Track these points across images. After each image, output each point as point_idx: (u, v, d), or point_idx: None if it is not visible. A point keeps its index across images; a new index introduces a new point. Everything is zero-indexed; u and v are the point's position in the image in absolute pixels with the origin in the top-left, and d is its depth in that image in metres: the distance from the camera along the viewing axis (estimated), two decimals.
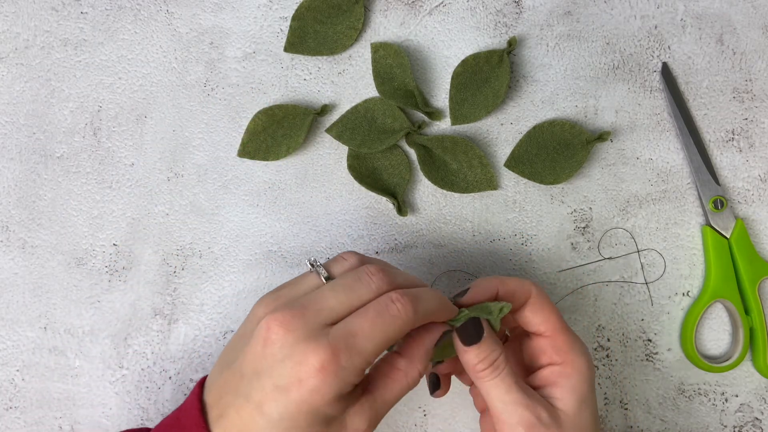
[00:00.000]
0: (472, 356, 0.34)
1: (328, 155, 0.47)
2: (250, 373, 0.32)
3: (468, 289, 0.36)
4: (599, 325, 0.45)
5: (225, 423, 0.32)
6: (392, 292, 0.32)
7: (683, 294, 0.46)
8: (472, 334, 0.34)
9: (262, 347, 0.31)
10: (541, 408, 0.33)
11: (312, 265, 0.35)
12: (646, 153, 0.47)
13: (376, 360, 0.34)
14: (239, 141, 0.47)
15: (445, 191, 0.47)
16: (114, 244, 0.47)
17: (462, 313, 0.35)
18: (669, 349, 0.45)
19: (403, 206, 0.46)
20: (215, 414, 0.33)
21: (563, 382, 0.34)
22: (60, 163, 0.48)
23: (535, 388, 0.35)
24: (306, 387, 0.30)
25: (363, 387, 0.34)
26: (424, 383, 0.45)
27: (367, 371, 0.33)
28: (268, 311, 0.32)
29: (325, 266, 0.35)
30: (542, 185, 0.46)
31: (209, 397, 0.34)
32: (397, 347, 0.35)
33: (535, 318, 0.36)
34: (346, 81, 0.48)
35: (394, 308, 0.31)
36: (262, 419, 0.31)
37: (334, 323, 0.32)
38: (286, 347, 0.31)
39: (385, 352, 0.35)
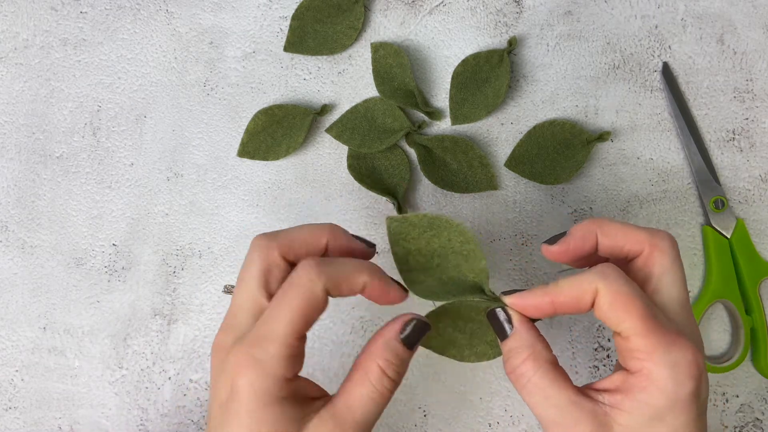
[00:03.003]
0: (509, 349, 0.31)
1: (328, 155, 0.47)
2: (208, 410, 0.31)
3: (564, 234, 0.32)
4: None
5: None
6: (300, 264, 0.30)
7: None
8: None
9: (211, 377, 0.31)
10: (582, 427, 0.28)
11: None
12: (647, 153, 0.46)
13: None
14: (239, 141, 0.47)
15: (445, 191, 0.46)
16: (113, 244, 0.47)
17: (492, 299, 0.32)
18: None
19: (403, 206, 0.46)
20: None
21: (634, 394, 0.28)
22: (59, 163, 0.47)
23: (605, 391, 0.29)
24: (235, 394, 0.28)
25: (328, 400, 0.30)
26: (423, 384, 0.45)
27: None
28: None
29: None
30: (542, 185, 0.46)
31: None
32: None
33: (608, 317, 0.28)
34: (346, 81, 0.48)
35: (295, 276, 0.29)
36: None
37: None
38: (219, 366, 0.30)
39: None
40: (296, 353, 0.29)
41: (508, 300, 0.31)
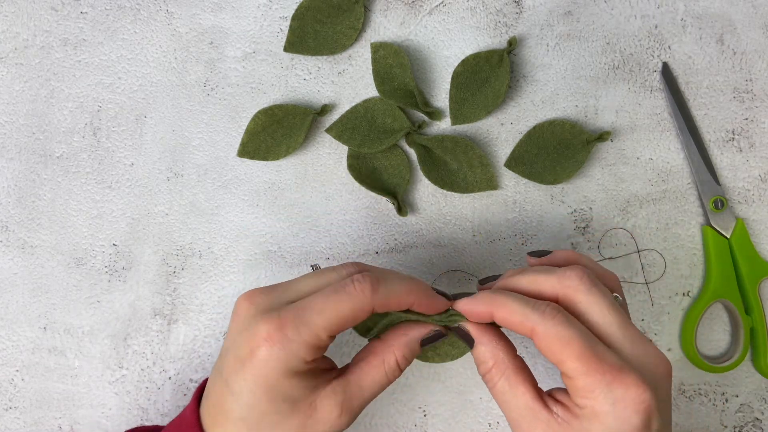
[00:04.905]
0: (475, 358, 0.33)
1: (328, 155, 0.47)
2: (224, 351, 0.33)
3: (498, 276, 0.34)
4: None
5: (207, 404, 0.33)
6: (357, 273, 0.32)
7: (683, 294, 0.46)
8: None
9: (233, 323, 0.32)
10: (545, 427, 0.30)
11: (312, 267, 0.35)
12: (647, 153, 0.46)
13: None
14: (239, 141, 0.47)
15: (445, 191, 0.46)
16: (114, 244, 0.47)
17: (452, 315, 0.34)
18: (669, 349, 0.45)
19: (403, 206, 0.46)
20: (205, 403, 0.34)
21: (581, 422, 0.29)
22: (59, 163, 0.47)
23: (561, 404, 0.30)
24: (256, 358, 0.30)
25: (339, 373, 0.33)
26: (423, 384, 0.45)
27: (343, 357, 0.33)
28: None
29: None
30: (542, 185, 0.46)
31: (206, 391, 0.34)
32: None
33: (547, 356, 0.29)
34: (346, 81, 0.48)
35: (351, 286, 0.31)
36: (230, 396, 0.31)
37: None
38: (246, 319, 0.31)
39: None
40: (323, 345, 0.31)
41: (456, 305, 0.33)
